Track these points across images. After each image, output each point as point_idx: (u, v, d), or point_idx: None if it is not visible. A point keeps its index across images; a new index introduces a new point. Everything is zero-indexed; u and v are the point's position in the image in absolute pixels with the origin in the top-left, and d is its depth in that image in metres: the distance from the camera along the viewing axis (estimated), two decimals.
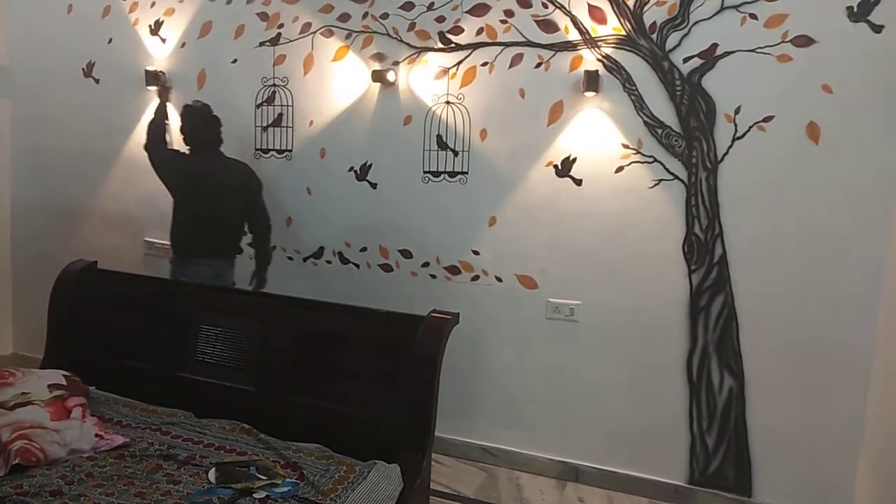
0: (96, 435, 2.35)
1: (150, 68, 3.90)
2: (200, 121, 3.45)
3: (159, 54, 3.95)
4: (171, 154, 3.59)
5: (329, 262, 3.71)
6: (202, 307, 2.92)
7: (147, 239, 4.10)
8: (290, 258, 3.79)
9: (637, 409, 3.19)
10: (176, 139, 3.66)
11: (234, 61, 3.78)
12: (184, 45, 3.89)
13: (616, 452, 3.24)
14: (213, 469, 2.18)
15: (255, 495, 2.05)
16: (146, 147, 3.58)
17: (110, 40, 4.08)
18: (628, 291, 3.15)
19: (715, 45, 2.95)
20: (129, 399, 2.74)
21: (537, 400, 3.36)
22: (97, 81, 4.14)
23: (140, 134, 4.00)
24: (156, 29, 3.95)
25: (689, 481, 3.14)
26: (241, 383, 2.72)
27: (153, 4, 3.94)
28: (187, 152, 3.52)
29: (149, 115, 3.96)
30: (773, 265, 2.94)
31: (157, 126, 3.60)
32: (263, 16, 3.69)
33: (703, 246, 3.03)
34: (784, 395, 2.97)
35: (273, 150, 3.77)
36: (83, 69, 4.17)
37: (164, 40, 3.93)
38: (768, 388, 2.99)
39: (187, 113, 3.47)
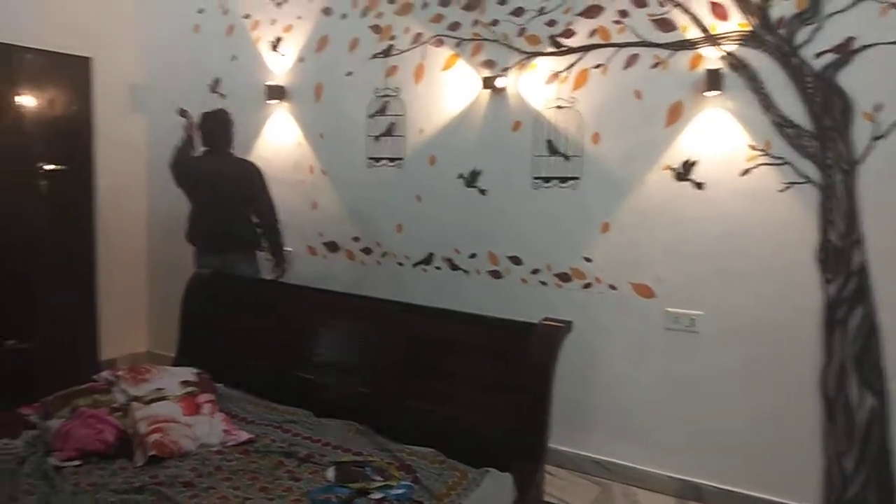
0: (224, 430, 2.47)
1: (270, 83, 4.10)
2: (219, 123, 3.68)
3: (279, 69, 4.14)
4: (187, 163, 3.77)
5: (438, 268, 3.74)
6: (319, 310, 3.02)
7: None
8: (400, 264, 3.86)
9: (765, 427, 2.98)
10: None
11: (349, 74, 3.90)
12: (302, 59, 4.06)
13: (741, 472, 3.05)
14: (332, 468, 2.23)
15: (371, 496, 2.08)
16: (172, 167, 3.78)
17: (234, 57, 4.32)
18: (755, 301, 2.97)
19: (851, 39, 2.73)
20: (254, 397, 2.86)
21: (655, 413, 3.22)
22: (223, 97, 4.39)
23: (262, 146, 4.22)
24: (276, 45, 4.14)
25: None
26: (356, 385, 2.79)
27: (273, 22, 4.14)
28: (202, 153, 3.72)
29: (269, 127, 4.18)
30: None
31: (184, 153, 3.79)
32: (376, 28, 3.79)
33: (841, 254, 2.80)
34: None
35: (385, 158, 3.85)
36: (209, 85, 4.44)
37: (283, 56, 4.12)
38: None
39: (208, 117, 3.69)
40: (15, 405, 2.61)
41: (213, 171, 3.65)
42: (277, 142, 4.19)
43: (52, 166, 3.59)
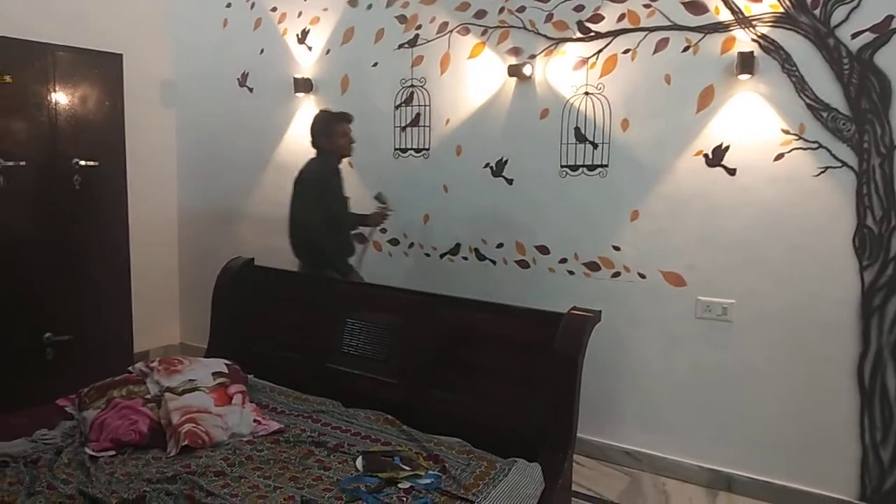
0: (255, 420, 2.50)
1: (298, 76, 4.12)
2: (315, 124, 3.52)
3: (306, 62, 4.16)
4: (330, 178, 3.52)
5: (465, 258, 3.73)
6: (348, 301, 3.04)
7: None
8: (427, 255, 3.86)
9: (799, 417, 2.93)
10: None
11: (375, 65, 3.90)
12: (328, 51, 4.07)
13: (774, 462, 2.99)
14: (360, 457, 2.25)
15: (399, 485, 2.08)
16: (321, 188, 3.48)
17: (262, 51, 4.35)
18: (790, 289, 2.90)
19: (890, 18, 2.64)
20: (284, 387, 2.89)
21: (686, 403, 3.18)
22: (251, 90, 4.43)
23: (290, 139, 4.25)
24: (303, 38, 4.16)
25: (860, 497, 2.84)
26: (384, 375, 2.79)
27: (300, 14, 4.15)
28: (319, 160, 3.52)
29: (299, 119, 4.19)
30: None
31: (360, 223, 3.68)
32: (402, 18, 3.77)
33: (878, 239, 2.72)
34: None
35: (411, 149, 3.84)
36: (238, 79, 4.48)
37: (310, 48, 4.13)
38: None
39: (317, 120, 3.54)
40: (53, 396, 2.67)
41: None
42: (305, 135, 4.18)
43: (85, 162, 3.65)
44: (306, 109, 4.17)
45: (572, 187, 3.38)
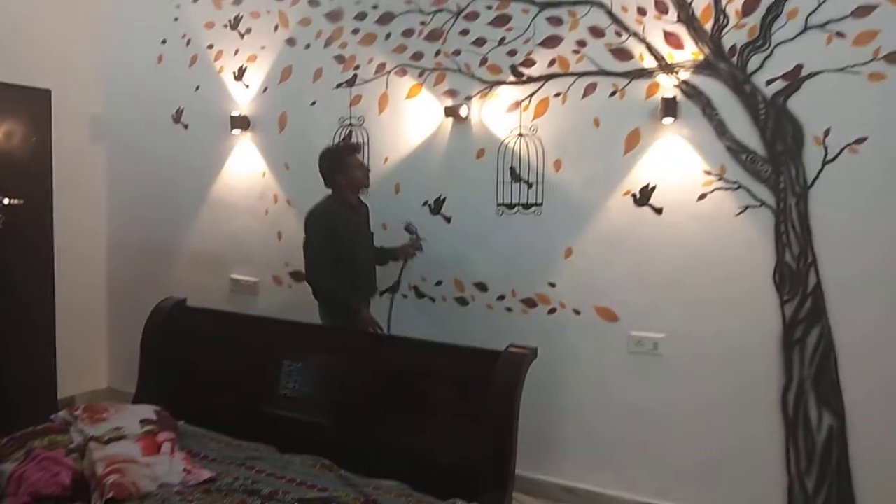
0: (184, 469, 2.41)
1: (234, 113, 4.09)
2: (326, 161, 3.31)
3: (243, 99, 4.13)
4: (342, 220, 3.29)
5: (405, 295, 3.73)
6: (285, 343, 2.99)
7: (233, 276, 4.25)
8: None
9: (729, 448, 3.02)
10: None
11: (313, 103, 3.91)
12: (266, 89, 4.06)
13: (708, 493, 3.07)
14: None
15: None
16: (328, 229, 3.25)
17: (198, 87, 4.30)
18: (716, 323, 3.02)
19: (800, 67, 2.83)
20: (216, 433, 2.81)
21: (621, 438, 3.23)
22: (186, 127, 4.37)
23: (227, 176, 4.20)
24: (240, 75, 4.14)
25: None
26: (322, 418, 2.75)
27: (237, 52, 4.14)
28: (334, 199, 3.32)
29: (233, 157, 4.16)
30: (874, 294, 2.75)
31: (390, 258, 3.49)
32: (340, 58, 3.81)
33: (796, 275, 2.87)
34: (891, 434, 2.75)
35: None
36: (172, 116, 4.41)
37: (247, 86, 4.12)
38: (873, 426, 2.78)
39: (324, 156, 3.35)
40: None
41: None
42: (242, 172, 4.17)
43: (9, 200, 3.51)
44: (243, 146, 4.14)
45: (509, 225, 3.44)
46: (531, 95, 3.34)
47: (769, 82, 2.89)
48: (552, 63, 3.28)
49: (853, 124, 2.75)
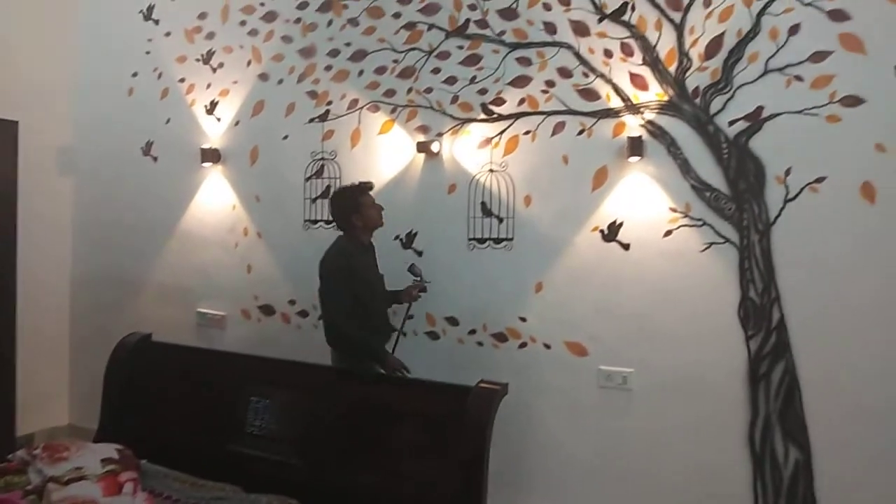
0: None
1: (205, 146, 4.08)
2: (339, 201, 3.22)
3: (214, 133, 4.13)
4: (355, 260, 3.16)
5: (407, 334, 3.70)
6: (252, 379, 2.95)
7: (200, 310, 4.19)
8: None
9: (698, 483, 3.03)
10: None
11: (285, 137, 3.92)
12: (238, 123, 4.06)
13: None
14: None
15: None
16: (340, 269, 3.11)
17: (168, 120, 4.29)
18: (684, 358, 3.06)
19: (760, 108, 2.93)
20: (180, 473, 2.74)
21: (592, 472, 3.23)
22: (155, 160, 4.34)
23: (196, 209, 4.17)
24: (211, 109, 4.14)
25: None
26: (290, 456, 2.71)
27: (209, 86, 4.15)
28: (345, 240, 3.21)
29: (203, 190, 4.14)
30: (836, 329, 2.82)
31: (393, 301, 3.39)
32: (313, 94, 3.84)
33: (760, 311, 2.93)
34: (855, 468, 2.79)
35: (321, 220, 3.85)
36: (142, 148, 4.39)
37: (219, 119, 4.12)
38: (838, 460, 2.82)
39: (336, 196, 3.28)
40: None
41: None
42: (212, 204, 4.15)
43: None
44: (214, 179, 4.12)
45: (480, 260, 3.47)
46: (502, 133, 3.40)
47: (731, 123, 2.98)
48: (522, 102, 3.35)
49: (812, 164, 2.85)
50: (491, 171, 3.42)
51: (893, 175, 2.73)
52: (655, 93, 3.10)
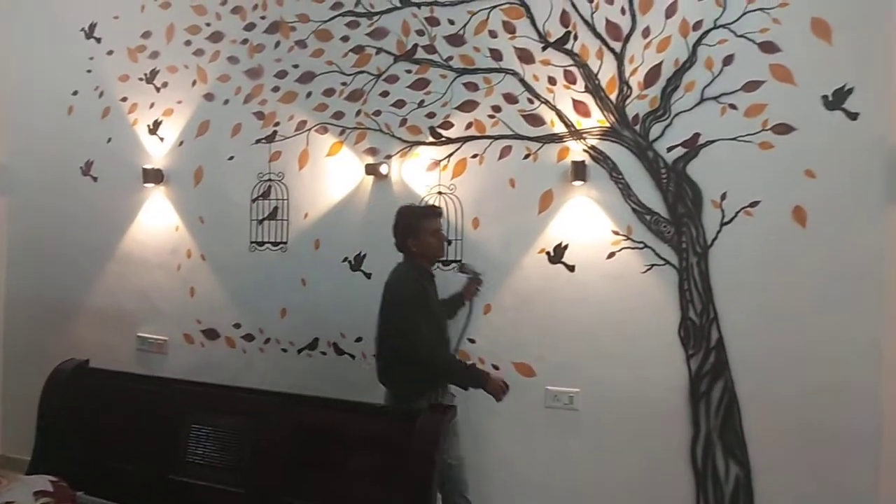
0: None
1: (147, 166, 3.99)
2: (400, 221, 2.99)
3: (157, 153, 4.05)
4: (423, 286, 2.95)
5: (324, 353, 3.68)
6: (194, 405, 2.87)
7: (140, 334, 4.07)
8: (284, 350, 3.76)
9: (643, 500, 3.09)
10: None
11: (231, 158, 3.87)
12: (182, 143, 3.99)
13: None
14: None
15: None
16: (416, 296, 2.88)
17: (109, 140, 4.18)
18: (628, 378, 3.12)
19: (697, 135, 3.04)
20: None
21: (541, 491, 3.25)
22: (95, 179, 4.22)
23: (137, 230, 4.07)
24: (154, 129, 4.06)
25: None
26: (234, 485, 2.63)
27: (152, 105, 4.07)
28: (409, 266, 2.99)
29: (145, 211, 4.04)
30: (771, 348, 2.93)
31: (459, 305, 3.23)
32: (260, 115, 3.81)
33: (699, 330, 3.02)
34: (793, 483, 2.89)
35: (268, 242, 3.80)
36: (81, 168, 4.26)
37: (162, 139, 4.04)
38: (776, 475, 2.92)
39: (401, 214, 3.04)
40: None
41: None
42: (154, 226, 4.05)
43: None
44: (156, 200, 4.03)
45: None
46: (450, 156, 3.44)
47: (670, 149, 3.09)
48: (469, 126, 3.40)
49: (747, 189, 2.97)
50: (440, 193, 3.45)
51: (823, 199, 2.87)
52: (597, 119, 3.19)
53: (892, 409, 2.71)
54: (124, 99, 4.15)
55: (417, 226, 2.93)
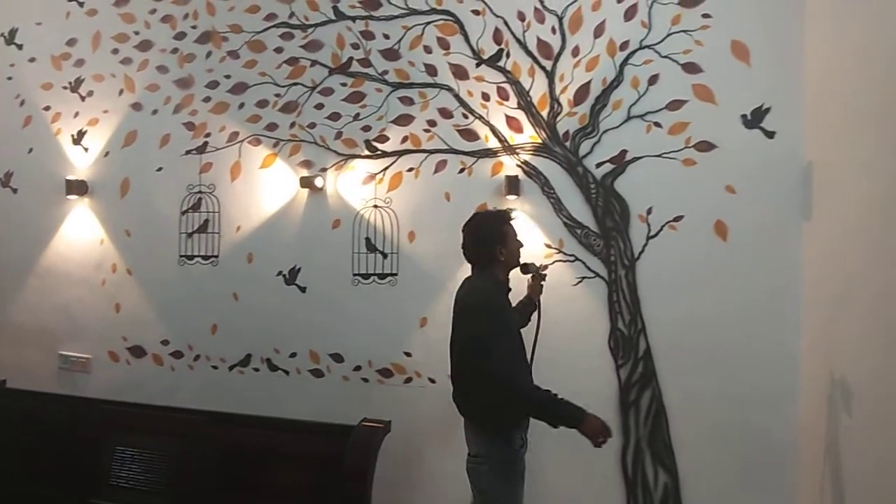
0: None
1: (71, 177, 3.84)
2: (482, 229, 2.62)
3: (81, 164, 3.91)
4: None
5: (257, 369, 3.61)
6: (118, 426, 2.77)
7: (62, 352, 3.90)
8: (214, 367, 3.66)
9: None
10: None
11: (160, 169, 3.77)
12: (107, 154, 3.87)
13: None
14: None
15: None
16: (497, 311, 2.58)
17: (31, 150, 4.02)
18: (560, 387, 3.08)
19: (624, 152, 3.14)
20: None
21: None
22: (14, 191, 4.04)
23: (60, 244, 3.91)
24: (78, 139, 3.92)
25: None
26: None
27: (77, 115, 3.93)
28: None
29: (68, 223, 3.90)
30: (694, 358, 3.03)
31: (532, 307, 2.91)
32: (190, 125, 3.72)
33: (628, 341, 3.10)
34: (718, 490, 2.99)
35: (198, 256, 3.71)
36: (0, 179, 4.07)
37: (86, 150, 3.90)
38: (702, 482, 3.01)
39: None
40: None
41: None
42: (77, 239, 3.90)
43: None
44: (79, 212, 3.89)
45: (365, 295, 3.46)
46: (385, 169, 3.44)
47: (598, 165, 3.17)
48: (405, 140, 3.41)
49: (671, 204, 3.08)
50: (375, 206, 3.45)
51: (742, 214, 3.00)
52: (530, 135, 3.25)
53: (809, 413, 2.83)
54: (47, 108, 4.00)
55: (504, 232, 2.58)
